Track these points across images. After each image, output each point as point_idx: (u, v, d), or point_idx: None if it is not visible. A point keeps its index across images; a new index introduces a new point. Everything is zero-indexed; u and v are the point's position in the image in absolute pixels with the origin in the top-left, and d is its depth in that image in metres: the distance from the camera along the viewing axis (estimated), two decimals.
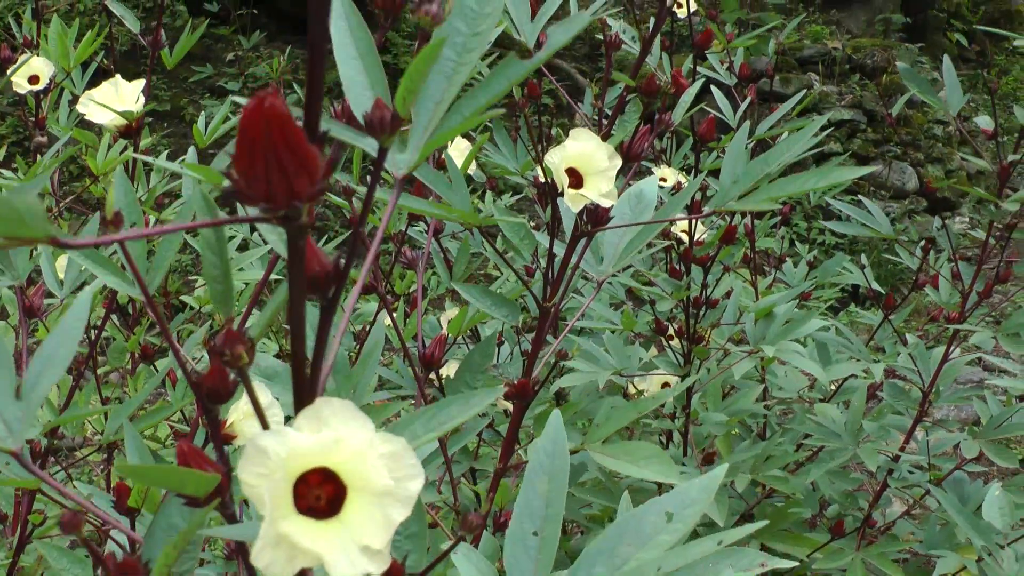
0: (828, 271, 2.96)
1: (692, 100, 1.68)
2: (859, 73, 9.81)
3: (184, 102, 8.25)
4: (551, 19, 1.28)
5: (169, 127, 7.99)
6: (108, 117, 1.51)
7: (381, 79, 0.67)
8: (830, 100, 9.16)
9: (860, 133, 8.96)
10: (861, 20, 11.55)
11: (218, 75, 8.55)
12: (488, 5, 0.66)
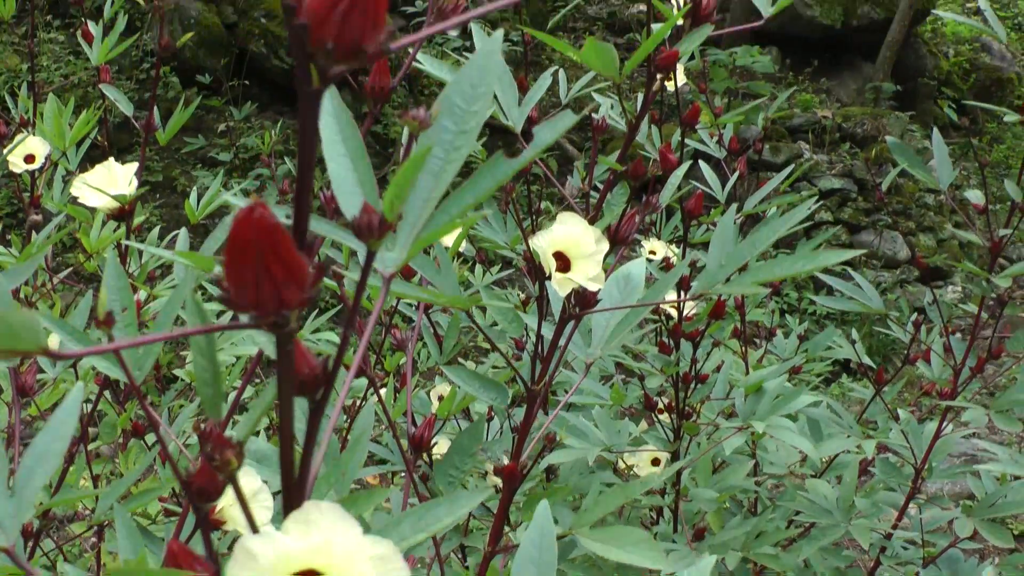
0: (818, 345, 2.96)
1: (682, 169, 1.70)
2: (849, 142, 9.87)
3: (176, 173, 8.28)
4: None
5: (161, 198, 8.01)
6: (101, 200, 1.52)
7: (370, 177, 0.67)
8: (820, 169, 9.21)
9: (851, 202, 9.01)
10: (851, 88, 11.62)
11: (210, 146, 8.59)
12: (475, 103, 0.67)
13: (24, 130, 2.25)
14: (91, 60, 2.23)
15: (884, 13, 11.32)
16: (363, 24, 0.47)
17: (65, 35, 8.72)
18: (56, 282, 2.44)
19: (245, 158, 8.41)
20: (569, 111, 0.65)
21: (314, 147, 0.51)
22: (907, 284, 8.30)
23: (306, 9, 0.47)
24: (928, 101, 11.96)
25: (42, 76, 8.13)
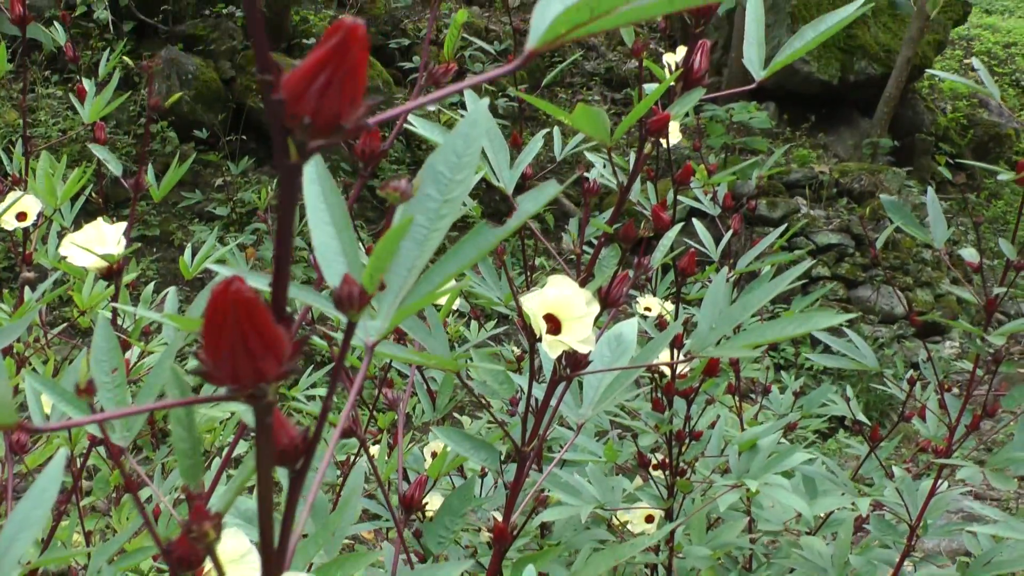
0: (814, 402, 2.96)
1: (674, 231, 1.69)
2: (847, 197, 9.90)
3: (173, 227, 8.29)
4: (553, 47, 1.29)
5: (158, 252, 8.02)
6: (90, 260, 1.52)
7: (353, 246, 0.67)
8: (817, 224, 9.23)
9: (848, 257, 9.02)
10: (848, 144, 11.66)
11: (207, 200, 8.60)
12: (460, 172, 0.67)
13: (16, 188, 2.26)
14: (83, 118, 2.24)
15: (881, 69, 11.37)
16: (341, 100, 0.47)
17: (63, 90, 8.75)
18: (51, 337, 2.44)
19: (242, 212, 8.42)
20: (553, 180, 0.65)
21: (293, 219, 0.50)
22: (904, 339, 8.30)
23: (283, 85, 0.47)
24: (926, 156, 12.00)
25: (40, 131, 8.15)
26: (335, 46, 0.46)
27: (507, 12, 3.61)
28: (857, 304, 8.70)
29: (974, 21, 16.96)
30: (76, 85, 2.40)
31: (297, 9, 10.24)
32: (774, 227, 9.16)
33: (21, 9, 2.05)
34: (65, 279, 2.42)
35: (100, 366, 1.15)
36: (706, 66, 1.24)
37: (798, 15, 11.09)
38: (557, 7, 0.48)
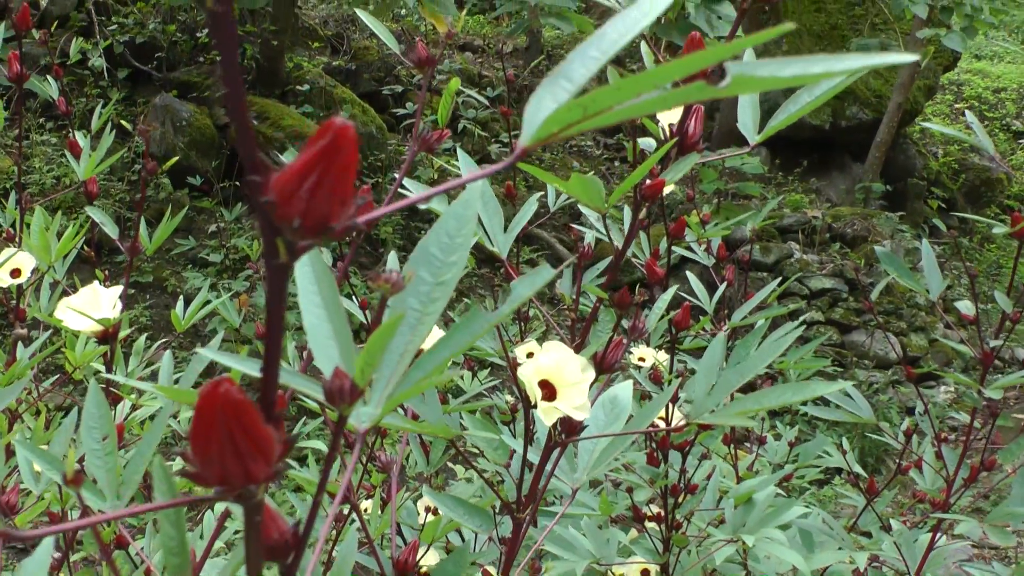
0: (809, 453, 2.95)
1: (669, 293, 1.69)
2: (840, 242, 9.90)
3: (166, 273, 8.28)
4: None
5: (151, 298, 8.01)
6: (86, 324, 1.52)
7: (345, 329, 0.66)
8: (811, 269, 9.23)
9: (841, 302, 9.02)
10: (841, 188, 11.69)
11: (200, 246, 8.59)
12: (453, 253, 0.66)
13: (10, 244, 2.25)
14: (78, 175, 2.23)
15: (872, 114, 11.40)
16: (331, 201, 0.46)
17: (58, 137, 8.76)
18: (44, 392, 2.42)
19: (235, 258, 8.41)
20: (547, 266, 0.65)
21: (282, 317, 0.50)
22: (899, 384, 8.28)
23: (273, 185, 0.46)
24: (918, 201, 12.03)
25: (34, 178, 8.15)
26: (325, 147, 0.45)
27: (500, 59, 3.61)
28: (851, 349, 8.69)
29: (964, 66, 17.03)
30: (69, 139, 2.40)
31: (291, 56, 10.27)
32: (767, 271, 9.18)
33: (18, 68, 2.05)
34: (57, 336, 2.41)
35: (91, 433, 1.14)
36: (701, 131, 1.24)
37: None
38: (549, 105, 0.47)
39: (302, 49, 10.96)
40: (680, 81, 0.45)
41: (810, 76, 0.45)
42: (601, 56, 0.49)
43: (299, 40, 10.96)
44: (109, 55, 9.47)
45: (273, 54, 9.61)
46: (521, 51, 12.10)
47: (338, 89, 10.13)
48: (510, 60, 11.87)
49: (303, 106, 9.75)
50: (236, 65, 0.44)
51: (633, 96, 0.44)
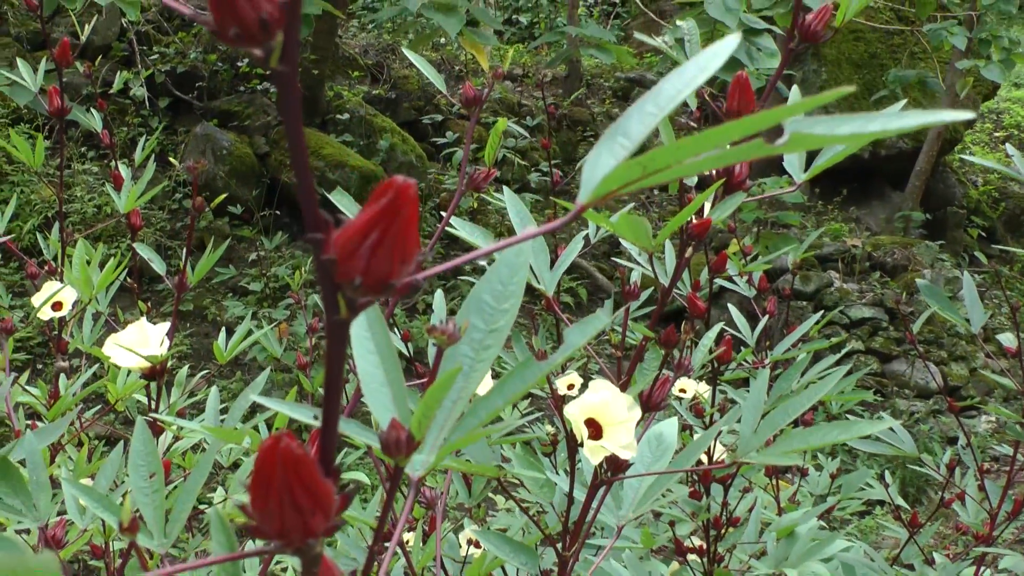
0: (851, 486, 2.93)
1: (714, 331, 1.69)
2: (879, 271, 9.86)
3: (207, 302, 8.31)
4: None
5: (192, 327, 8.03)
6: (133, 361, 1.52)
7: (398, 376, 0.67)
8: (851, 298, 9.19)
9: (881, 331, 8.97)
10: (880, 217, 11.64)
11: (240, 275, 8.62)
12: (505, 301, 0.67)
13: (52, 278, 2.26)
14: (119, 208, 2.25)
15: (912, 143, 11.36)
16: (391, 259, 0.46)
17: (99, 166, 8.81)
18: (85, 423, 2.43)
19: (275, 287, 8.43)
20: (599, 315, 0.65)
21: (341, 373, 0.50)
22: (940, 414, 8.23)
23: (334, 243, 0.46)
24: (958, 229, 11.96)
25: (75, 207, 8.20)
26: (386, 206, 0.46)
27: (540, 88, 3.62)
28: (892, 378, 8.65)
29: (1003, 95, 16.97)
30: (112, 172, 2.42)
31: (331, 85, 10.31)
32: (807, 300, 9.16)
33: (59, 102, 2.07)
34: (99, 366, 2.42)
35: (138, 471, 1.15)
36: (747, 171, 1.24)
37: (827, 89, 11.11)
38: (608, 162, 0.47)
39: (342, 78, 11.00)
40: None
41: (866, 135, 0.46)
42: (658, 112, 0.49)
43: (339, 69, 11.01)
44: (150, 84, 9.53)
45: (313, 83, 9.65)
46: (561, 80, 12.13)
47: (378, 118, 10.16)
48: (550, 89, 11.90)
49: (343, 135, 9.79)
50: (300, 125, 0.45)
51: (692, 155, 0.45)
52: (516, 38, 14.97)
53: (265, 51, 0.43)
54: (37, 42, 9.24)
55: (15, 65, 2.37)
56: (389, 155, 9.72)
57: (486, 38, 6.43)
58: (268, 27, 0.42)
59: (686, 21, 1.39)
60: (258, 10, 0.42)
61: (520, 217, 1.30)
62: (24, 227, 7.84)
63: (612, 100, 12.87)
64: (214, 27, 0.42)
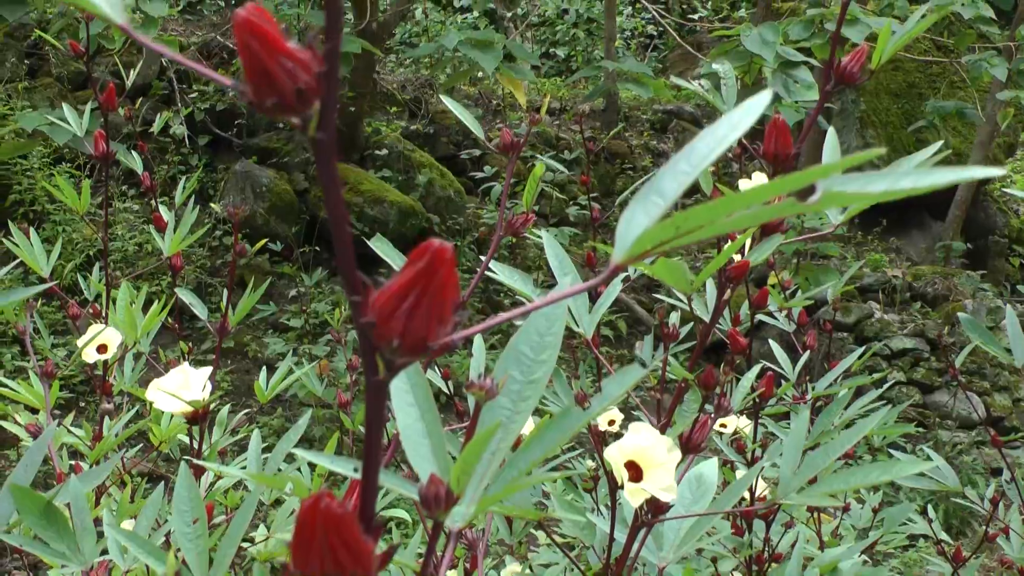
0: (894, 520, 2.92)
1: (754, 371, 1.69)
2: (920, 301, 9.81)
3: (248, 338, 8.34)
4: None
5: (232, 363, 8.06)
6: (176, 406, 1.54)
7: (437, 429, 0.67)
8: (891, 329, 9.15)
9: (923, 362, 8.92)
10: (921, 247, 11.59)
11: (280, 311, 8.64)
12: (543, 352, 0.67)
13: (95, 320, 2.28)
14: (163, 252, 2.27)
15: None
16: (428, 321, 0.47)
17: (140, 204, 8.86)
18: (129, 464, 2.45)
19: (315, 323, 8.45)
20: (638, 366, 0.65)
21: (381, 430, 0.51)
22: (984, 445, 8.17)
23: (372, 305, 0.47)
24: (999, 259, 11.90)
25: (117, 245, 8.25)
26: (422, 268, 0.46)
27: (579, 122, 3.64)
28: (934, 409, 8.60)
29: None
30: (154, 214, 2.44)
31: (369, 120, 10.35)
32: (848, 332, 9.13)
33: (104, 146, 2.09)
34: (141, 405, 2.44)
35: (182, 516, 1.16)
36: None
37: (867, 120, 11.10)
38: (642, 220, 0.48)
39: (380, 114, 11.04)
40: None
41: (898, 191, 0.46)
42: (691, 170, 0.49)
43: (377, 105, 11.05)
44: (190, 122, 9.58)
45: (352, 119, 9.69)
46: (599, 112, 12.14)
47: (416, 153, 10.19)
48: (587, 122, 11.91)
49: (381, 170, 9.82)
50: (339, 189, 0.45)
51: (725, 215, 0.45)
52: (553, 71, 15.02)
53: (303, 120, 0.44)
54: (78, 82, 9.32)
55: (56, 105, 2.39)
56: (428, 190, 9.75)
57: (523, 73, 6.46)
58: (305, 97, 0.43)
59: (721, 63, 1.40)
60: (295, 81, 0.42)
61: (559, 261, 1.30)
62: (67, 267, 7.89)
63: (650, 132, 12.89)
64: (251, 97, 0.43)
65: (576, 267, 1.35)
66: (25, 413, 2.21)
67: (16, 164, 8.30)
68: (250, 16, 0.42)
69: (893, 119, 11.34)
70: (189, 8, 11.80)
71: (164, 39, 6.14)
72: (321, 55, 0.43)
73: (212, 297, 8.46)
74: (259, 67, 0.42)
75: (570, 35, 14.85)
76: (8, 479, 1.29)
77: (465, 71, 7.59)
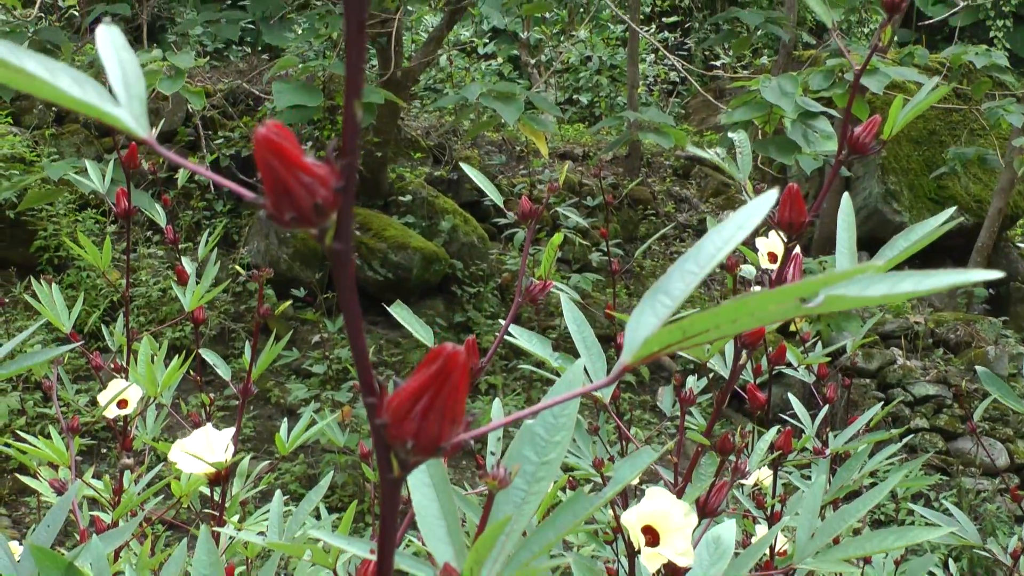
0: (915, 573, 2.91)
1: (770, 433, 1.70)
2: (943, 347, 9.79)
3: (270, 384, 8.34)
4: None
5: (255, 409, 8.07)
6: (198, 467, 1.55)
7: (452, 509, 0.68)
8: (914, 375, 9.13)
9: (946, 408, 8.89)
10: (943, 293, 11.57)
11: (303, 357, 8.65)
12: (557, 433, 0.68)
13: (117, 376, 2.30)
14: (185, 307, 2.29)
15: (973, 219, 11.31)
16: (442, 422, 0.48)
17: (164, 250, 8.89)
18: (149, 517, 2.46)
19: (338, 369, 8.46)
20: (649, 448, 0.66)
21: (395, 528, 0.52)
22: (1007, 493, 8.13)
23: (387, 407, 0.48)
24: (1021, 305, 11.86)
25: (140, 291, 8.28)
26: (436, 372, 0.48)
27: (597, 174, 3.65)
28: (957, 456, 8.56)
29: None
30: (177, 267, 2.46)
31: (393, 167, 10.38)
32: (870, 378, 9.10)
33: (127, 204, 2.11)
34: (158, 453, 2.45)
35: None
36: (800, 277, 1.25)
37: (888, 166, 11.10)
38: (650, 321, 0.49)
39: (404, 160, 11.07)
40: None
41: (897, 295, 0.47)
42: (699, 271, 0.51)
43: (401, 151, 11.09)
44: (215, 168, 9.63)
45: (376, 165, 9.71)
46: (621, 158, 12.18)
47: (440, 199, 10.22)
48: (610, 167, 11.94)
49: (405, 216, 9.84)
50: (355, 297, 0.47)
51: (729, 321, 0.46)
52: (577, 117, 15.06)
53: (320, 231, 0.45)
54: (105, 128, 9.38)
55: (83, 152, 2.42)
56: (451, 236, 9.77)
57: (544, 124, 6.48)
58: (323, 211, 0.44)
59: (737, 133, 1.41)
60: (313, 196, 0.44)
61: (578, 325, 1.31)
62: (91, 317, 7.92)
63: (672, 178, 12.91)
64: (271, 211, 0.45)
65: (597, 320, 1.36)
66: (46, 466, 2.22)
67: (42, 210, 8.35)
68: (270, 134, 0.44)
69: (914, 165, 11.34)
70: (216, 54, 11.88)
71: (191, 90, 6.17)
72: (338, 169, 0.44)
73: (235, 343, 8.48)
74: (279, 183, 0.43)
75: (593, 81, 14.91)
76: (28, 538, 1.30)
77: (488, 120, 7.62)
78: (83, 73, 0.47)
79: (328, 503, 6.72)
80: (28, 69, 0.44)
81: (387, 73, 8.31)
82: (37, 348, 7.35)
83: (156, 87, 5.91)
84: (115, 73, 0.50)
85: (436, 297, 9.44)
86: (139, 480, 2.20)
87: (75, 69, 0.47)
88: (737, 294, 1.36)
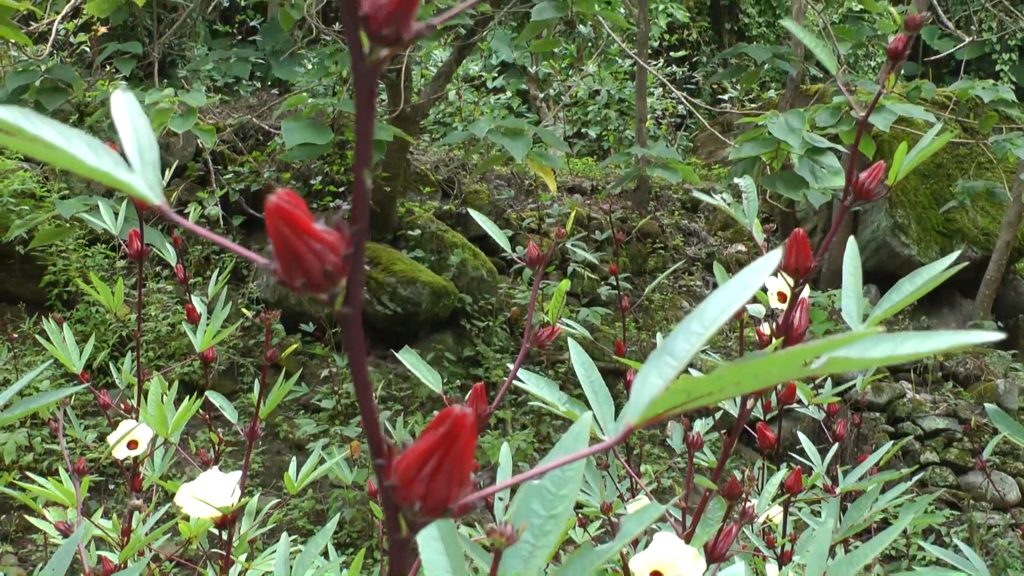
0: None
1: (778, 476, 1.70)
2: (952, 380, 9.78)
3: (279, 419, 8.34)
4: None
5: (263, 444, 8.06)
6: (205, 511, 1.56)
7: (461, 563, 0.69)
8: (923, 409, 9.11)
9: (956, 442, 8.88)
10: (951, 326, 11.55)
11: (312, 392, 8.64)
12: (565, 486, 0.69)
13: (126, 416, 2.30)
14: (195, 347, 2.29)
15: (981, 251, 11.31)
16: (449, 484, 0.49)
17: (174, 285, 8.90)
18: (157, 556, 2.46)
19: (347, 403, 8.45)
20: (656, 504, 0.67)
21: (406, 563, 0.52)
22: (1019, 527, 8.11)
23: (395, 468, 0.49)
24: None
25: (149, 326, 8.29)
26: (443, 434, 0.48)
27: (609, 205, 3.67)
28: (968, 490, 8.54)
29: None
30: (187, 305, 2.47)
31: (402, 201, 10.39)
32: (880, 412, 9.08)
33: (139, 246, 2.12)
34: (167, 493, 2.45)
35: None
36: (807, 323, 1.26)
37: (895, 200, 11.11)
38: (655, 381, 0.50)
39: (413, 194, 11.08)
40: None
41: (899, 356, 0.48)
42: (703, 331, 0.51)
43: (410, 185, 11.10)
44: (224, 203, 9.63)
45: (385, 200, 9.72)
46: (630, 192, 12.18)
47: (449, 233, 10.22)
48: (618, 201, 11.95)
49: (414, 250, 9.84)
50: (363, 358, 0.48)
51: (733, 384, 0.47)
52: (585, 151, 15.08)
53: (329, 296, 0.46)
54: None
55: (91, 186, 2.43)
56: (460, 270, 9.77)
57: (552, 160, 6.50)
58: (333, 278, 0.45)
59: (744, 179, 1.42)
60: (324, 263, 0.45)
61: (585, 369, 1.32)
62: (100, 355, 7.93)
63: (681, 212, 12.93)
64: (282, 277, 0.46)
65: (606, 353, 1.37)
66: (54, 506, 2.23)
67: (51, 246, 8.36)
68: (281, 203, 0.44)
69: (922, 199, 11.34)
70: (227, 88, 11.91)
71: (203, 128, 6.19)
72: (348, 237, 0.45)
73: (244, 378, 8.48)
74: (289, 250, 0.44)
75: (602, 115, 14.92)
76: None
77: (496, 156, 7.64)
78: (97, 140, 0.48)
79: (336, 539, 6.71)
80: (44, 138, 0.45)
81: (396, 109, 8.33)
82: (45, 384, 7.37)
83: (168, 125, 5.93)
84: (129, 140, 0.51)
85: (445, 331, 9.43)
86: (147, 520, 2.20)
87: (89, 135, 0.48)
88: (745, 328, 1.37)
